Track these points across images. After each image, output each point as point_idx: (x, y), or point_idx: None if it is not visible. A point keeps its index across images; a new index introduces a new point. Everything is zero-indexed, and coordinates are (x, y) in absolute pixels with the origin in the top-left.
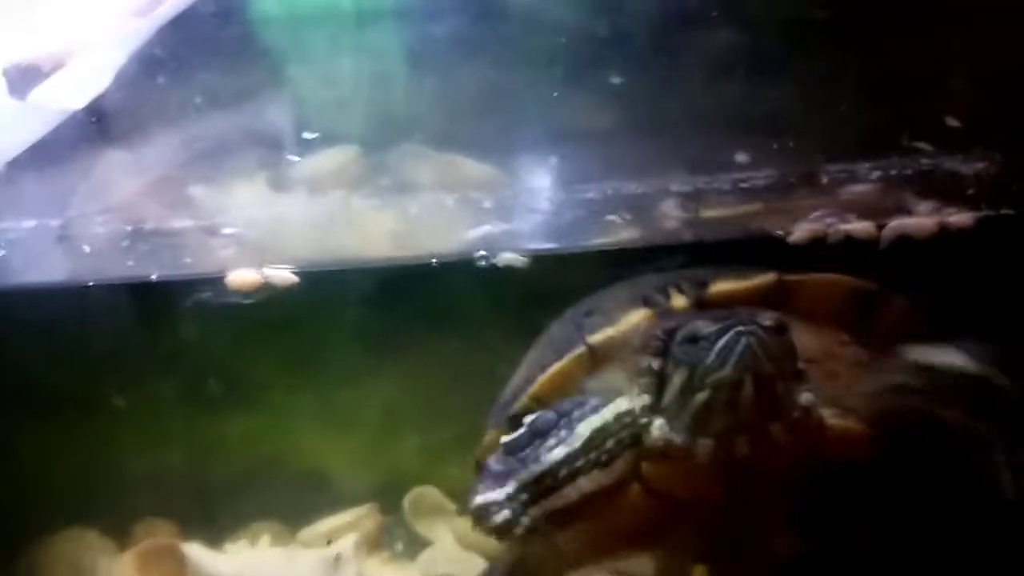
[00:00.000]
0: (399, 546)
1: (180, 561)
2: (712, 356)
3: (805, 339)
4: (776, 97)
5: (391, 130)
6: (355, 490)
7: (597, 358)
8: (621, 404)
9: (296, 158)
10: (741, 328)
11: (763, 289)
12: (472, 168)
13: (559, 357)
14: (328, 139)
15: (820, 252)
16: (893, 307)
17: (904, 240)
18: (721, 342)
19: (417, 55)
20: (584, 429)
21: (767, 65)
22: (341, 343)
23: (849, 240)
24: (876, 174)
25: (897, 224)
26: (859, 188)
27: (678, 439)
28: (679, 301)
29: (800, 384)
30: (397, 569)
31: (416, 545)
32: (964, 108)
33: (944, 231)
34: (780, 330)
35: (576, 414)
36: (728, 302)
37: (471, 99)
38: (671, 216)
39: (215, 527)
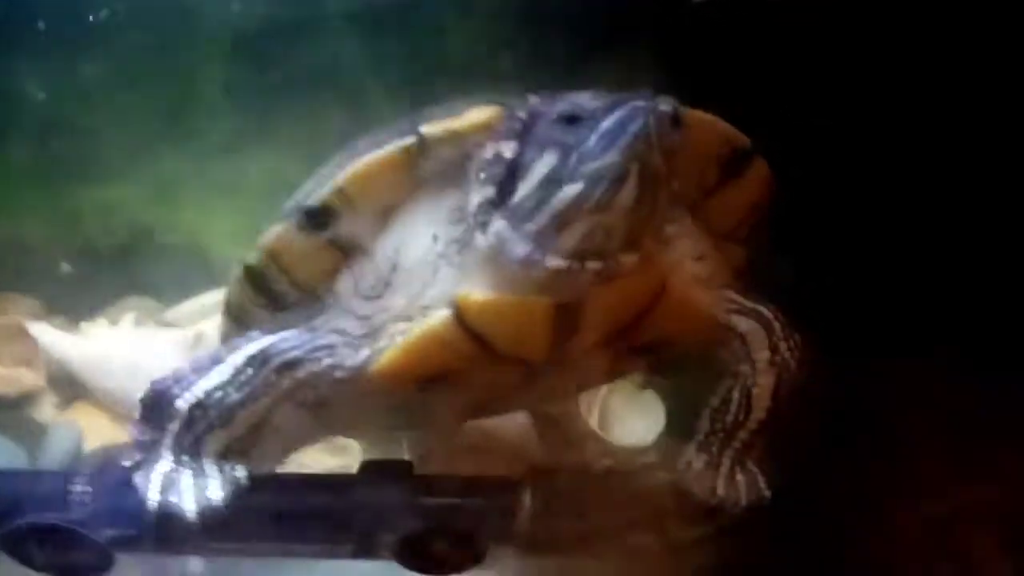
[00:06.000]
0: None
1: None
2: (595, 137)
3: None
4: None
5: None
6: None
7: (427, 155)
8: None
9: None
10: (639, 104)
11: None
12: None
13: (380, 146)
14: None
15: None
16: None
17: None
18: (609, 121)
19: None
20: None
21: None
22: None
23: None
24: None
25: None
26: None
27: (519, 248)
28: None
29: (673, 207)
30: None
31: None
32: None
33: None
34: (677, 122)
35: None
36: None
37: None
38: None
39: (83, 303)
